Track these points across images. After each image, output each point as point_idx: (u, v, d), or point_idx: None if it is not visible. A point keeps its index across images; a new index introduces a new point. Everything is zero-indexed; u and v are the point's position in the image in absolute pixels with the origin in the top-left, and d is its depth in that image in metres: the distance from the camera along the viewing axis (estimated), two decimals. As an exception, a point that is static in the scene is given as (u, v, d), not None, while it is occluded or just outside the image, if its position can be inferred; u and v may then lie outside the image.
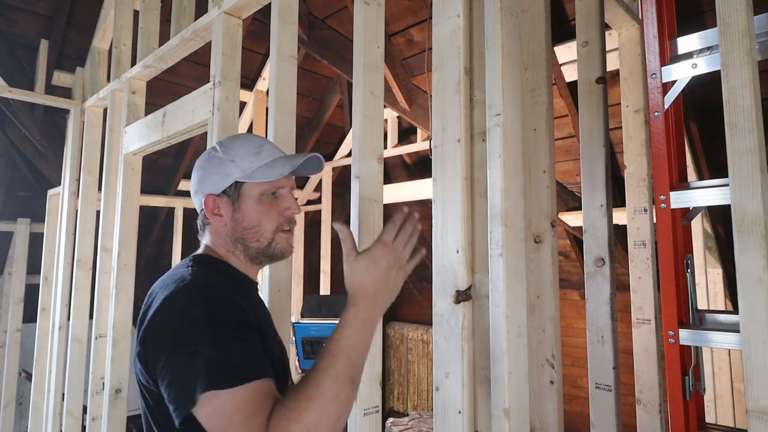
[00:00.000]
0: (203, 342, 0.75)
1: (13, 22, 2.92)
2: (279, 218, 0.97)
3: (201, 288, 0.83)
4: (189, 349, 0.75)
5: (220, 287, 0.85)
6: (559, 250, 2.92)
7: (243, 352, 0.77)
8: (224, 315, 0.80)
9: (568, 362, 4.01)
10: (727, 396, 2.65)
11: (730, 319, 1.03)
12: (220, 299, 0.82)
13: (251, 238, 0.95)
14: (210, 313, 0.79)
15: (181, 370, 0.75)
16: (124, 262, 2.20)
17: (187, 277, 0.85)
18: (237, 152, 0.96)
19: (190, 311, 0.79)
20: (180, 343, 0.76)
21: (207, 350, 0.74)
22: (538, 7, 1.26)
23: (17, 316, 3.75)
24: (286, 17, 1.52)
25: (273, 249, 0.97)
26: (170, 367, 0.76)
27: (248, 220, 0.95)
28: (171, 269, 0.94)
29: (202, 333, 0.76)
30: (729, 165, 0.89)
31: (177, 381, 0.75)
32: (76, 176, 2.96)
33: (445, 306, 1.04)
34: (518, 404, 0.96)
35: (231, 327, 0.79)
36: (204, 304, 0.80)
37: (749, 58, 0.89)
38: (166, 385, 0.76)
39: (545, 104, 1.22)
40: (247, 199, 0.95)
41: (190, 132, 1.87)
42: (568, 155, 3.15)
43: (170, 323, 0.79)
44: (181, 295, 0.82)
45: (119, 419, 2.14)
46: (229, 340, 0.77)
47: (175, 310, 0.80)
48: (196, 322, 0.77)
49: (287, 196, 0.99)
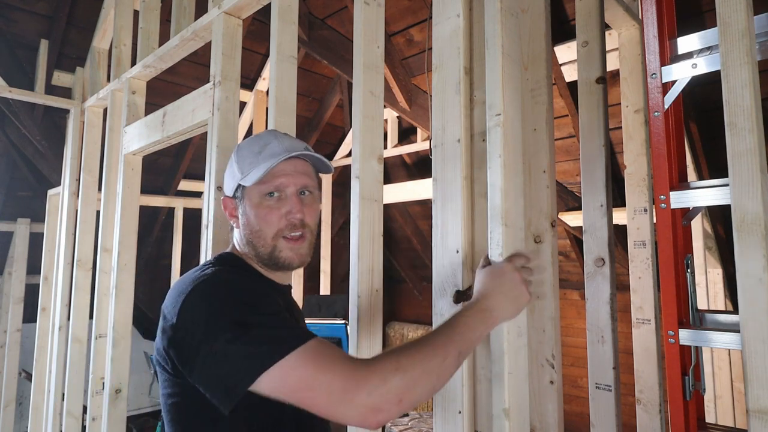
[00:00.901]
0: (244, 325, 0.74)
1: (13, 22, 2.92)
2: (280, 223, 0.91)
3: (227, 279, 0.84)
4: (234, 335, 0.73)
5: (240, 279, 0.85)
6: (559, 250, 2.92)
7: (288, 322, 0.78)
8: (256, 298, 0.80)
9: (568, 362, 4.01)
10: (727, 396, 2.65)
11: (730, 319, 1.03)
12: (247, 286, 0.83)
13: (258, 243, 0.92)
14: (242, 297, 0.79)
15: (232, 356, 0.73)
16: (124, 262, 2.20)
17: (209, 273, 0.85)
18: (242, 153, 0.96)
19: (223, 300, 0.79)
20: (221, 331, 0.74)
21: (253, 331, 0.74)
22: (538, 7, 1.26)
23: (17, 316, 3.75)
24: (286, 17, 1.52)
25: (276, 257, 0.92)
26: (217, 358, 0.74)
27: (251, 224, 0.92)
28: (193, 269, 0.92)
29: (241, 317, 0.75)
30: (729, 165, 0.89)
31: (230, 368, 0.73)
32: (76, 176, 2.96)
33: (445, 306, 1.04)
34: (518, 404, 0.96)
35: (267, 307, 0.79)
36: (234, 292, 0.80)
37: (749, 58, 0.89)
38: (210, 378, 0.75)
39: (545, 104, 1.22)
40: (248, 202, 0.93)
41: (190, 132, 1.87)
42: (568, 155, 3.15)
43: (206, 314, 0.77)
44: (207, 288, 0.81)
45: (119, 419, 2.14)
46: (269, 316, 0.77)
47: (207, 301, 0.79)
48: (232, 308, 0.77)
49: (290, 199, 0.92)
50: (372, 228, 1.24)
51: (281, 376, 0.71)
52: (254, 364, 0.71)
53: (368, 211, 1.24)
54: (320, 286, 4.60)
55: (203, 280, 0.82)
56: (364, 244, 1.21)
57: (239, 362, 0.72)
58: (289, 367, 0.71)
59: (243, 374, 0.71)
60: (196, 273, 0.86)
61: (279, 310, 0.82)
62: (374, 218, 1.25)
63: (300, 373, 0.70)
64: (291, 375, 0.71)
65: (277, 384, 0.71)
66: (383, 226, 1.27)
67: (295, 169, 0.94)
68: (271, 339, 0.73)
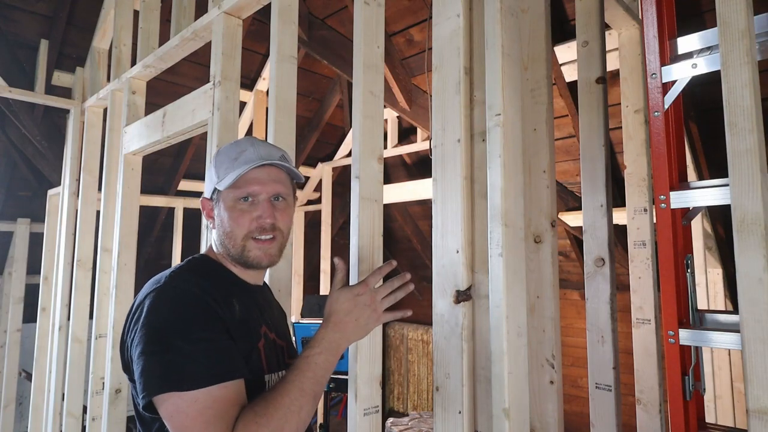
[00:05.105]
0: (167, 343, 0.80)
1: (13, 22, 2.92)
2: (250, 225, 0.96)
3: (171, 292, 0.88)
4: (155, 348, 0.80)
5: (190, 291, 0.88)
6: (559, 250, 2.92)
7: (208, 354, 0.81)
8: (192, 317, 0.84)
9: (568, 362, 4.01)
10: (727, 396, 2.65)
11: (730, 319, 1.03)
12: (189, 302, 0.86)
13: (229, 243, 0.97)
14: (176, 315, 0.84)
15: (147, 367, 0.80)
16: (124, 262, 2.20)
17: (161, 281, 0.90)
18: (220, 158, 1.01)
19: (162, 313, 0.84)
20: (148, 343, 0.81)
21: (169, 352, 0.80)
22: (538, 7, 1.26)
23: (17, 316, 3.75)
24: (286, 17, 1.52)
25: (246, 256, 0.97)
26: (139, 364, 0.81)
27: (224, 226, 0.98)
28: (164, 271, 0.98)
29: (167, 335, 0.81)
30: (729, 165, 0.89)
31: (143, 375, 0.80)
32: (76, 176, 2.96)
33: (445, 306, 1.04)
34: (518, 404, 0.96)
35: (198, 329, 0.83)
36: (176, 308, 0.85)
37: (749, 58, 0.89)
38: (136, 377, 0.82)
39: (545, 104, 1.22)
40: (222, 205, 0.98)
41: (190, 132, 1.87)
42: (568, 155, 3.15)
43: (142, 325, 0.84)
44: (153, 299, 0.86)
45: (119, 419, 2.15)
46: (194, 342, 0.81)
47: (146, 313, 0.85)
48: (166, 323, 0.83)
49: (262, 204, 0.97)
50: (372, 228, 1.24)
51: (174, 408, 0.77)
52: (158, 382, 0.78)
53: (368, 211, 1.24)
54: (320, 286, 4.60)
55: (156, 288, 0.88)
56: (364, 244, 1.21)
57: (150, 373, 0.79)
58: (184, 402, 0.77)
59: (149, 385, 0.79)
60: (160, 275, 0.93)
61: (215, 338, 0.84)
62: (374, 218, 1.25)
63: (185, 416, 0.76)
64: (178, 414, 0.77)
65: (167, 413, 0.78)
66: (383, 226, 1.27)
67: (269, 177, 0.98)
68: (183, 367, 0.79)
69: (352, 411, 1.16)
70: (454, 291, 1.02)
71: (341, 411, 5.24)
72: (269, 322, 1.02)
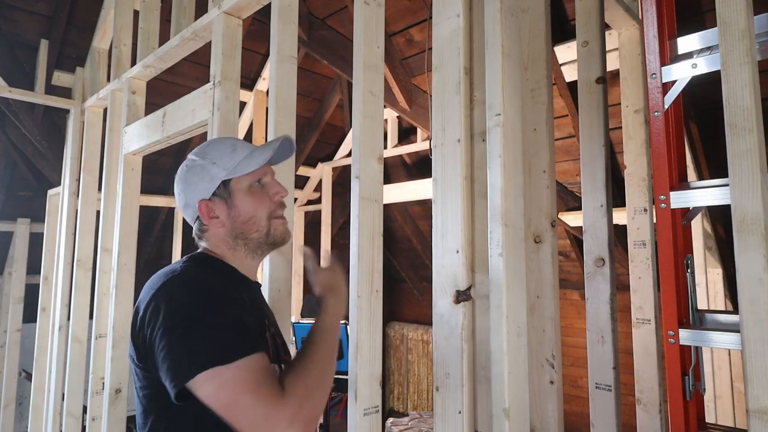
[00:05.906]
0: (195, 325, 0.80)
1: (13, 22, 2.92)
2: (270, 205, 1.01)
3: (186, 281, 0.88)
4: (184, 332, 0.79)
5: (208, 279, 0.89)
6: (559, 250, 2.92)
7: (237, 330, 0.82)
8: (212, 298, 0.85)
9: (568, 362, 4.01)
10: (727, 396, 2.65)
11: (730, 319, 1.03)
12: (205, 287, 0.87)
13: (250, 229, 0.99)
14: (201, 297, 0.85)
15: (179, 352, 0.79)
16: (124, 262, 2.20)
17: (177, 269, 0.90)
18: (215, 155, 1.00)
19: (182, 298, 0.84)
20: (175, 328, 0.80)
21: (200, 332, 0.79)
22: (538, 7, 1.26)
23: (17, 316, 3.74)
24: (286, 17, 1.52)
25: (273, 236, 1.02)
26: (169, 352, 0.79)
27: (244, 213, 0.99)
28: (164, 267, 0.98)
29: (194, 318, 0.81)
30: (729, 165, 0.89)
31: (175, 361, 0.79)
32: (76, 176, 2.96)
33: (445, 306, 1.04)
34: (518, 404, 0.96)
35: (220, 309, 0.84)
36: (195, 291, 0.85)
37: (749, 58, 0.89)
38: (164, 365, 0.80)
39: (545, 104, 1.22)
40: (238, 194, 0.99)
41: (190, 132, 1.87)
42: (568, 155, 3.15)
43: (164, 309, 0.83)
44: (172, 285, 0.87)
45: (119, 419, 2.14)
46: (221, 319, 0.82)
47: (168, 297, 0.85)
48: (189, 306, 0.83)
49: (272, 183, 1.03)
50: (372, 228, 1.24)
51: (217, 383, 0.76)
52: (194, 362, 0.77)
53: (368, 211, 1.24)
54: (320, 286, 4.59)
55: (171, 277, 0.88)
56: (364, 244, 1.21)
57: (182, 357, 0.78)
58: (225, 376, 0.76)
59: (184, 369, 0.77)
60: (168, 269, 0.92)
61: (237, 316, 0.85)
62: (374, 218, 1.25)
63: (232, 388, 0.76)
64: (225, 386, 0.76)
65: (210, 391, 0.76)
66: (383, 226, 1.27)
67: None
68: (217, 343, 0.78)
69: (352, 411, 1.16)
70: (454, 291, 1.02)
71: (341, 411, 5.24)
72: (270, 318, 1.04)
